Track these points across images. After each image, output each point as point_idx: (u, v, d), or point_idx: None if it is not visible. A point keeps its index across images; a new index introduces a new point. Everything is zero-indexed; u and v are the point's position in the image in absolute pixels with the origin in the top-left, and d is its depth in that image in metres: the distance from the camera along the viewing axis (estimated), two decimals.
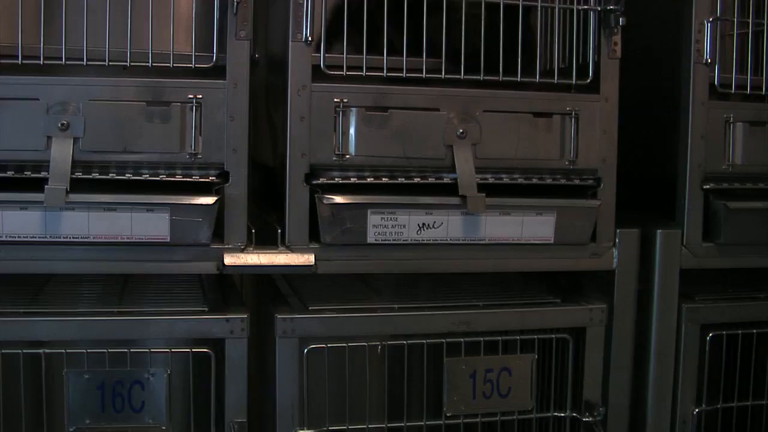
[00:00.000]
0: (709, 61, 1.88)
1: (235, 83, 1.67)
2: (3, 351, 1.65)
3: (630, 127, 1.88)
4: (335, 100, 1.70)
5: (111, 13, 1.64)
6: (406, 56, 1.73)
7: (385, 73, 1.71)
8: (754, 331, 1.97)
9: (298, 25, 1.68)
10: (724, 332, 1.95)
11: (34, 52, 1.62)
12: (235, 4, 1.65)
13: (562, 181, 1.83)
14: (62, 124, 1.62)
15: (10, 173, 1.62)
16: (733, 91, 1.90)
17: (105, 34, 1.64)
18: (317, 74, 1.70)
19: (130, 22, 1.65)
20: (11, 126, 1.62)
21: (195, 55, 1.68)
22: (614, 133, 1.84)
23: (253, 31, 1.70)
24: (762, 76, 1.96)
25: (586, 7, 1.82)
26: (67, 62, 1.63)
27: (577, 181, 1.83)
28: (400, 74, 1.72)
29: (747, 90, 1.93)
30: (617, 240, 1.87)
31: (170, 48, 1.67)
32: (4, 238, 1.60)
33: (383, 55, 1.72)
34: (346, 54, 1.72)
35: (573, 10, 1.83)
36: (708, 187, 1.90)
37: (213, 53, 1.68)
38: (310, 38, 1.68)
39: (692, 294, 1.95)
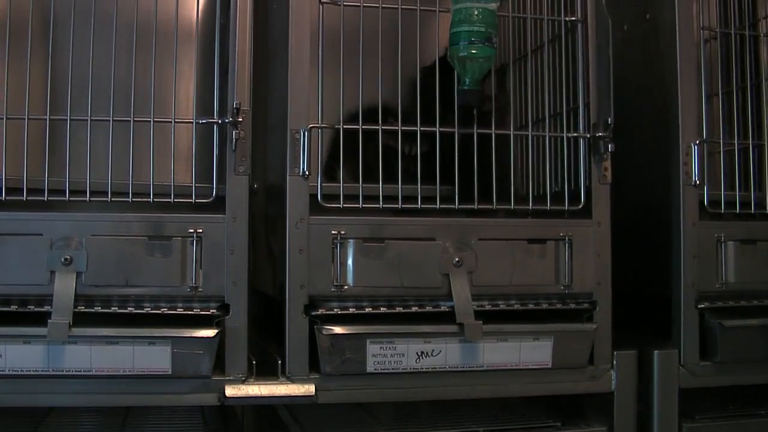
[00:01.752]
0: (698, 182, 1.92)
1: (234, 217, 1.71)
2: None
3: (623, 248, 1.91)
4: (333, 232, 1.73)
5: (113, 147, 1.69)
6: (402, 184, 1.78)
7: (380, 205, 1.75)
8: None
9: (295, 159, 1.73)
10: None
11: (38, 184, 1.67)
12: (234, 140, 1.70)
13: (558, 306, 1.84)
14: (65, 259, 1.64)
15: (13, 307, 1.64)
16: (722, 211, 1.94)
17: (108, 168, 1.68)
18: (315, 205, 1.74)
19: (132, 156, 1.69)
20: (15, 261, 1.64)
21: (195, 188, 1.72)
22: (608, 257, 1.87)
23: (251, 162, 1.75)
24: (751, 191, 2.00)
25: (576, 134, 1.87)
26: (71, 198, 1.67)
27: (572, 305, 1.85)
28: (396, 205, 1.76)
29: (737, 209, 1.96)
30: (615, 362, 1.88)
31: (171, 181, 1.71)
32: (6, 372, 1.61)
33: (379, 183, 1.76)
34: (343, 183, 1.77)
35: (563, 138, 1.88)
36: (703, 306, 1.92)
37: (213, 187, 1.72)
38: (307, 172, 1.72)
39: (692, 413, 1.95)
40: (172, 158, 1.72)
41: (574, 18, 1.90)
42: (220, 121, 1.73)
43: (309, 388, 1.71)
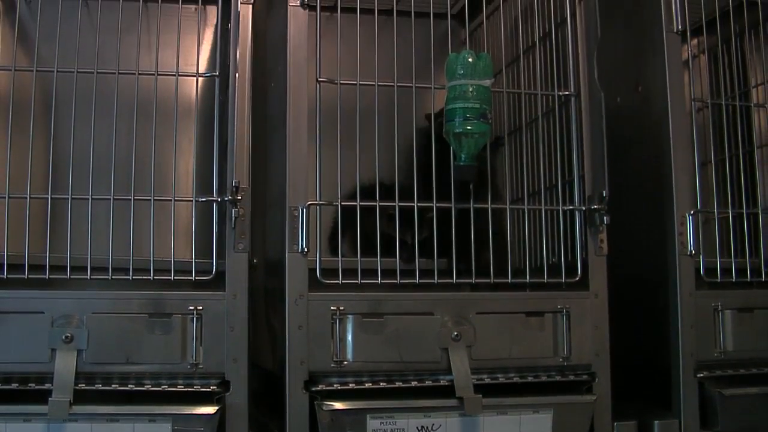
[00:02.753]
0: (693, 252, 1.93)
1: (234, 294, 1.73)
2: None
3: (621, 318, 1.92)
4: (332, 308, 1.74)
5: (114, 224, 1.71)
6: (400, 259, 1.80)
7: (379, 280, 1.76)
8: None
9: (294, 236, 1.75)
10: None
11: (39, 260, 1.68)
12: (234, 218, 1.72)
13: (557, 378, 1.85)
14: (66, 337, 1.65)
15: (14, 385, 1.65)
16: (719, 280, 1.95)
17: (108, 245, 1.70)
18: (314, 280, 1.75)
19: (132, 234, 1.71)
20: (16, 338, 1.66)
21: (195, 265, 1.75)
22: (605, 328, 1.88)
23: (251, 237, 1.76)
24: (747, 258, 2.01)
25: (571, 207, 1.90)
26: (72, 276, 1.68)
27: (571, 377, 1.86)
28: (395, 280, 1.77)
29: (733, 277, 1.97)
30: None
31: (171, 257, 1.73)
32: None
33: (377, 257, 1.78)
34: (342, 257, 1.78)
35: (559, 211, 1.90)
36: (702, 375, 1.92)
37: (213, 264, 1.74)
38: (306, 249, 1.74)
39: None
40: (173, 236, 1.74)
41: (567, 92, 1.93)
42: (219, 199, 1.75)
43: None
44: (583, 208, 1.89)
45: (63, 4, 1.77)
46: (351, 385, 1.75)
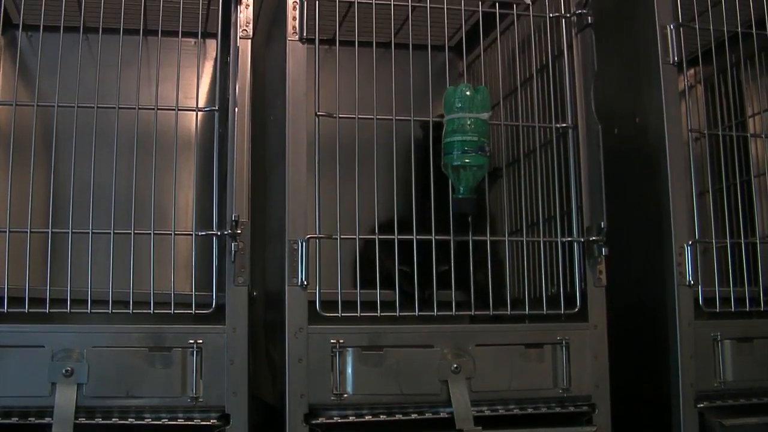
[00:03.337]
0: (692, 282, 1.94)
1: (234, 328, 1.73)
2: None
3: (620, 349, 1.92)
4: (332, 341, 1.75)
5: (114, 258, 1.72)
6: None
7: (378, 313, 1.77)
8: None
9: (293, 270, 1.75)
10: None
11: (40, 293, 1.69)
12: (233, 252, 1.73)
13: (557, 410, 1.85)
14: (66, 371, 1.65)
15: (14, 419, 1.64)
16: (718, 310, 1.95)
17: (108, 278, 1.71)
18: (313, 312, 1.76)
19: (132, 268, 1.72)
20: (16, 373, 1.66)
21: (195, 298, 1.75)
22: (605, 359, 1.88)
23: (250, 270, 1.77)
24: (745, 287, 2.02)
25: (570, 239, 1.90)
26: (72, 310, 1.68)
27: (571, 409, 1.86)
28: (394, 313, 1.78)
29: (732, 306, 1.98)
30: None
31: (171, 290, 1.73)
32: None
33: (376, 289, 1.79)
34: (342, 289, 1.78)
35: (557, 242, 1.90)
36: (702, 405, 1.92)
37: (213, 297, 1.75)
38: (305, 282, 1.74)
39: None
40: (173, 269, 1.74)
41: (565, 124, 1.94)
42: (219, 233, 1.76)
43: None
44: (582, 240, 1.90)
45: (64, 37, 1.78)
46: (351, 418, 1.75)
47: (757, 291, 2.05)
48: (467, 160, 1.78)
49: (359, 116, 1.83)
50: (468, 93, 1.80)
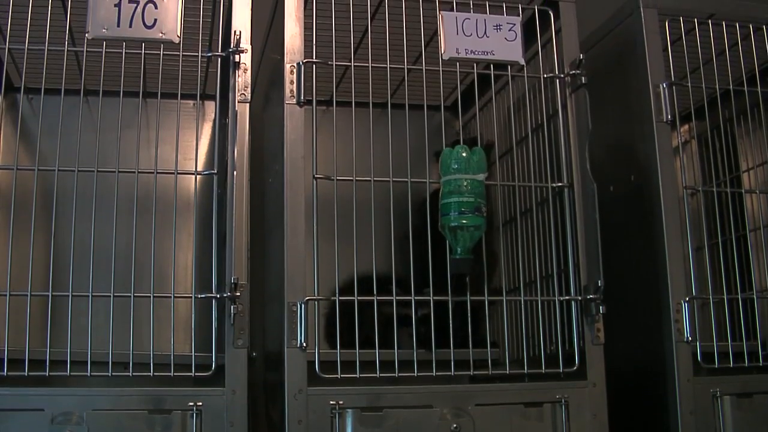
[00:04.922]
0: (690, 339, 1.94)
1: (233, 390, 1.73)
2: None
3: (620, 407, 1.92)
4: (331, 402, 1.75)
5: (114, 320, 1.72)
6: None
7: (378, 374, 1.77)
8: None
9: (292, 332, 1.76)
10: None
11: (39, 356, 1.69)
12: (233, 314, 1.74)
13: None
14: None
15: None
16: (716, 366, 1.95)
17: (108, 340, 1.71)
18: (312, 373, 1.76)
19: (132, 331, 1.72)
20: None
21: (194, 359, 1.75)
22: (605, 417, 1.88)
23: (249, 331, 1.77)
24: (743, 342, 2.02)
25: (567, 297, 1.91)
26: (72, 374, 1.68)
27: None
28: (393, 373, 1.78)
29: (730, 362, 1.98)
30: None
31: (171, 352, 1.74)
32: None
33: (375, 349, 1.79)
34: (341, 349, 1.79)
35: (555, 301, 1.91)
36: None
37: (212, 359, 1.75)
38: (304, 344, 1.75)
39: None
40: (172, 332, 1.75)
41: (560, 183, 1.96)
42: (218, 296, 1.77)
43: None
44: (579, 298, 1.91)
45: (64, 100, 1.79)
46: None
47: (755, 345, 2.05)
48: (464, 221, 1.79)
49: (356, 178, 1.85)
50: (464, 154, 1.82)
